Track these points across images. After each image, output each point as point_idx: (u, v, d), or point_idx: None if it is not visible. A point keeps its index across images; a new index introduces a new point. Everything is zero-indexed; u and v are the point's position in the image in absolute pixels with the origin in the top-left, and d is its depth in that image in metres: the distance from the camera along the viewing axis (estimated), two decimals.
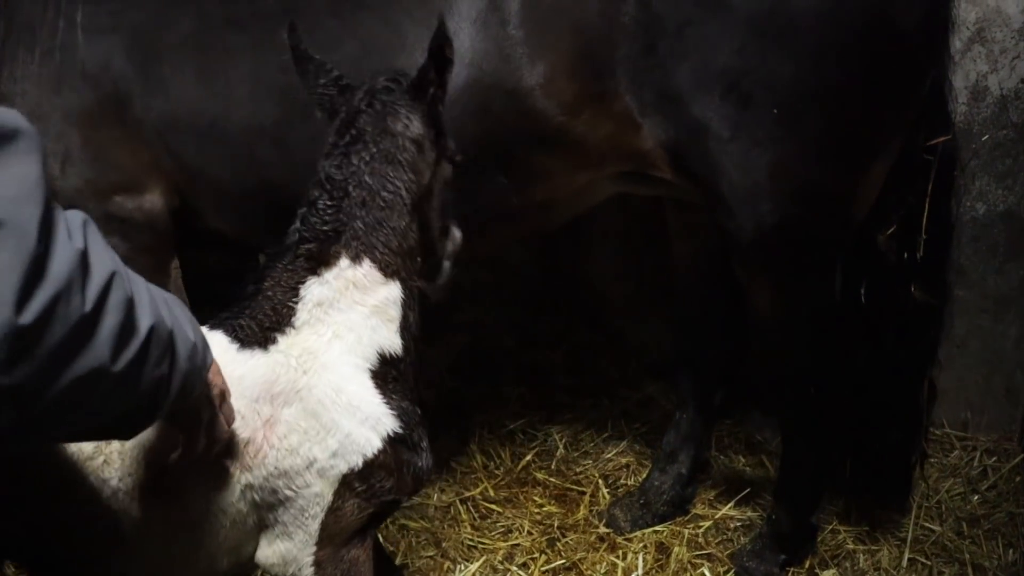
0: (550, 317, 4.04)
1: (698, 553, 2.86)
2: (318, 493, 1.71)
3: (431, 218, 1.83)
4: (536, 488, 3.16)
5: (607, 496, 3.13)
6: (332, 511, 1.72)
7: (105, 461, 1.62)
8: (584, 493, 3.14)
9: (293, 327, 1.72)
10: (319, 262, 1.73)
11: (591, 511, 3.05)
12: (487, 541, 2.90)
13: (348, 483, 1.71)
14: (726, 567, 2.79)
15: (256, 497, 1.71)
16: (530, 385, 3.73)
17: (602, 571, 2.77)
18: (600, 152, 2.34)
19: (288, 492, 1.71)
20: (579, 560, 2.80)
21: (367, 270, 1.73)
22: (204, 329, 1.60)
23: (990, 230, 3.26)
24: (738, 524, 2.99)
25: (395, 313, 1.77)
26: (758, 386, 3.13)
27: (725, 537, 2.95)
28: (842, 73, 2.16)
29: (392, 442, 1.73)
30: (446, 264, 1.95)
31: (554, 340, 4.00)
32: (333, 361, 1.70)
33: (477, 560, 2.80)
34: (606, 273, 3.89)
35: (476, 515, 3.03)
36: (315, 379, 1.69)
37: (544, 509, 3.05)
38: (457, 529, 2.95)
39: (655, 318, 3.64)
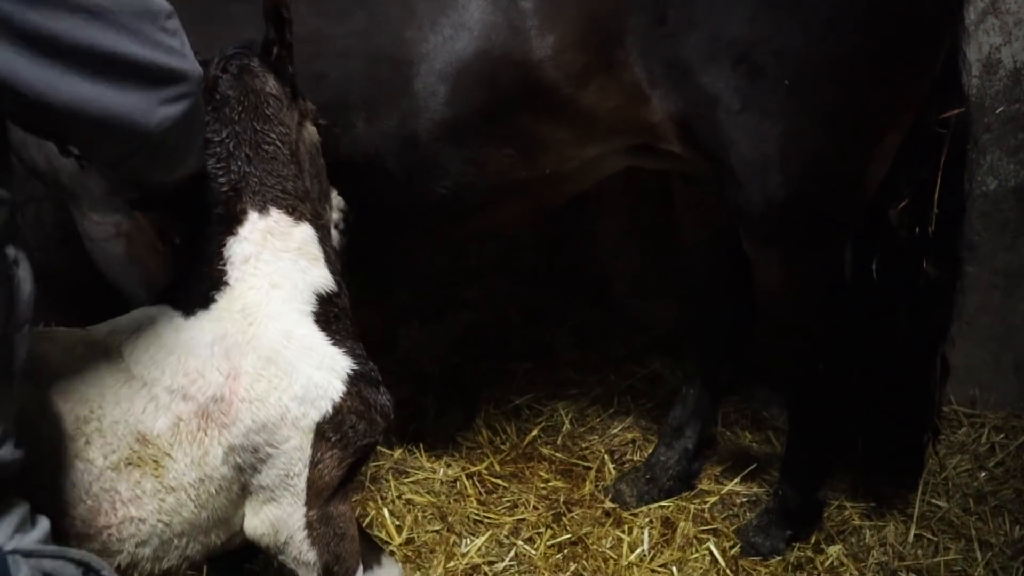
0: (556, 293, 4.03)
1: (704, 528, 2.86)
2: (297, 447, 1.72)
3: (303, 178, 1.90)
4: (542, 463, 3.16)
5: (613, 471, 3.13)
6: (314, 466, 1.74)
7: (87, 441, 1.62)
8: (590, 468, 3.14)
9: (228, 285, 1.77)
10: (231, 222, 1.80)
11: (597, 486, 3.05)
12: (493, 516, 2.90)
13: (323, 433, 1.74)
14: (732, 542, 2.79)
15: (239, 459, 1.72)
16: (536, 361, 3.72)
17: (608, 546, 2.78)
18: (609, 124, 2.32)
19: (269, 450, 1.72)
20: (585, 535, 2.81)
21: (277, 217, 1.81)
22: (148, 307, 1.77)
23: (1001, 205, 3.22)
24: (744, 500, 2.99)
25: (316, 251, 1.85)
26: (765, 362, 3.12)
27: (731, 512, 2.95)
28: (854, 44, 2.12)
29: (353, 381, 1.78)
30: (333, 232, 2.01)
31: (560, 316, 3.99)
32: (276, 310, 1.75)
33: (483, 534, 2.80)
34: (612, 249, 3.87)
35: (482, 490, 3.03)
36: (262, 328, 1.73)
37: (550, 484, 3.06)
38: (463, 504, 2.95)
39: (661, 294, 3.62)
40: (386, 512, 2.88)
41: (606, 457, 3.19)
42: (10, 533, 1.21)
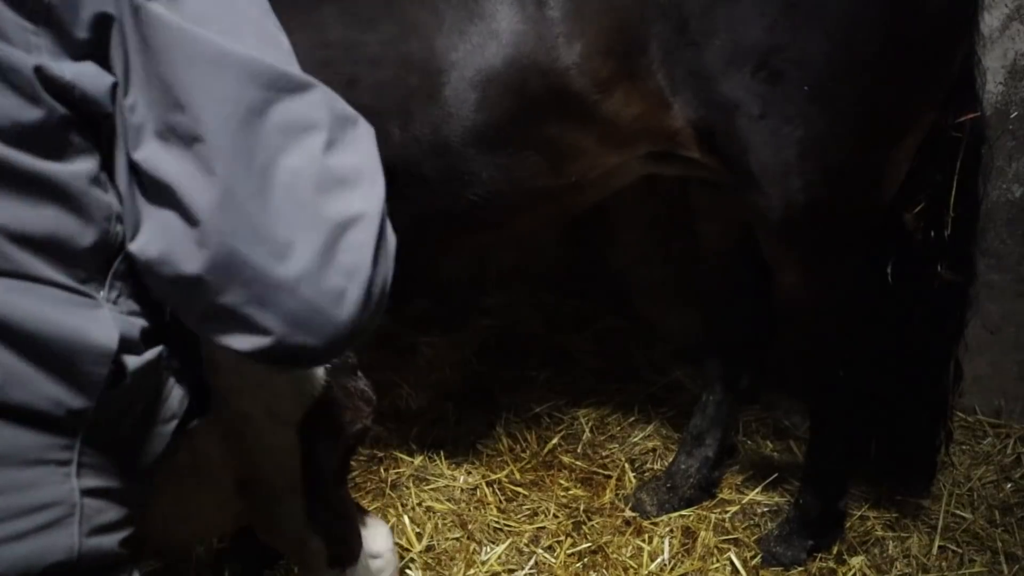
0: (577, 301, 4.03)
1: (725, 538, 2.84)
2: (285, 443, 1.73)
3: None
4: (562, 471, 3.16)
5: (633, 480, 3.12)
6: (307, 459, 1.75)
7: None
8: (610, 477, 3.13)
9: None
10: None
11: (617, 495, 3.05)
12: (513, 523, 2.90)
13: (310, 426, 1.74)
14: (753, 552, 2.77)
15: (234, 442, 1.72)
16: (556, 368, 3.72)
17: (628, 555, 2.77)
18: (632, 131, 2.34)
19: (254, 442, 1.72)
20: (605, 544, 2.80)
21: None
22: None
23: None
24: (765, 509, 2.97)
25: None
26: (786, 371, 3.10)
27: (752, 522, 2.94)
28: (872, 49, 2.13)
29: (331, 373, 1.76)
30: None
31: (581, 324, 3.99)
32: None
33: (503, 542, 2.80)
34: (633, 257, 3.87)
35: (502, 497, 3.03)
36: None
37: (570, 492, 3.05)
38: (483, 511, 2.96)
39: (682, 302, 3.61)
40: (406, 519, 2.88)
41: (626, 466, 3.19)
42: None
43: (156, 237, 1.02)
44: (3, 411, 0.99)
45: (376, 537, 2.04)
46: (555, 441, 3.29)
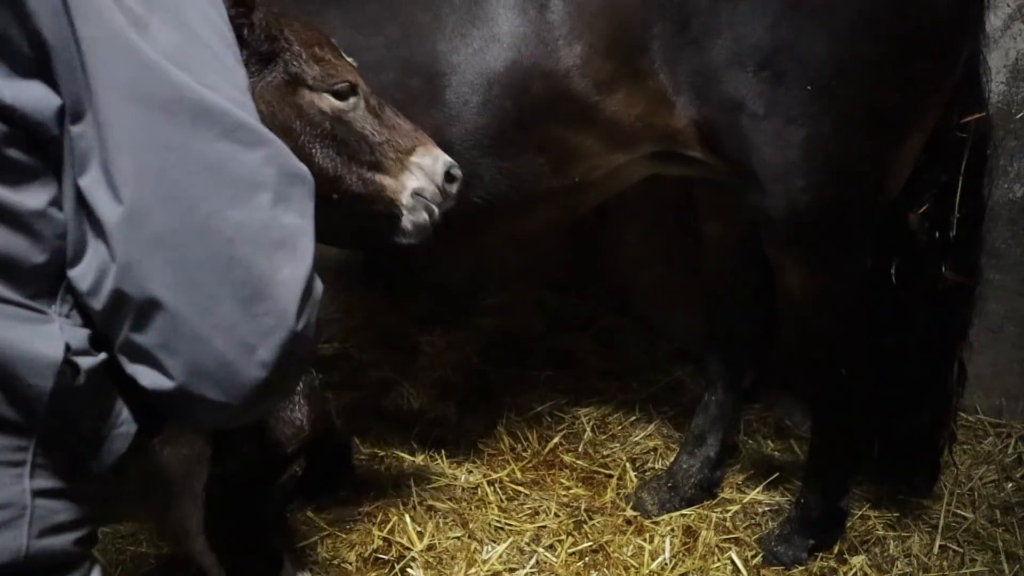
0: (578, 300, 4.04)
1: (726, 537, 2.84)
2: (193, 452, 1.71)
3: (307, 152, 1.80)
4: (563, 470, 3.16)
5: (634, 479, 3.12)
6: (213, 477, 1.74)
7: None
8: (611, 476, 3.13)
9: None
10: None
11: (618, 494, 3.05)
12: (514, 523, 2.90)
13: (227, 442, 1.73)
14: (754, 551, 2.78)
15: None
16: (558, 368, 3.72)
17: (629, 554, 2.77)
18: (634, 131, 2.34)
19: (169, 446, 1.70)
20: (606, 543, 2.80)
21: None
22: None
23: None
24: (766, 508, 2.98)
25: None
26: (788, 370, 3.10)
27: (753, 521, 2.94)
28: (875, 49, 2.13)
29: None
30: (406, 200, 1.91)
31: (582, 323, 4.00)
32: None
33: (504, 541, 2.81)
34: (634, 256, 3.87)
35: (503, 497, 3.03)
36: None
37: (571, 491, 3.05)
38: (484, 510, 2.96)
39: (683, 301, 3.61)
40: (407, 518, 2.89)
41: (628, 465, 3.19)
42: None
43: (91, 269, 1.03)
44: None
45: None
46: (556, 440, 3.30)
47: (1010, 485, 3.04)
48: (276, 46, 1.79)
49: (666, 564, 2.72)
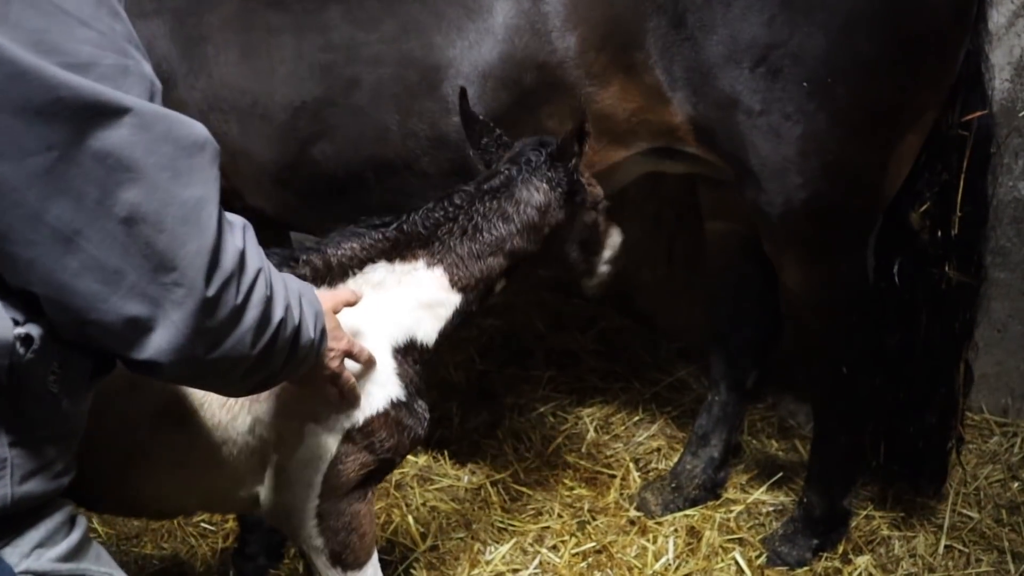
0: (580, 300, 4.03)
1: (729, 537, 2.83)
2: (321, 444, 1.80)
3: (565, 250, 2.14)
4: (566, 471, 3.15)
5: (638, 479, 3.12)
6: (334, 464, 1.81)
7: (131, 387, 1.72)
8: (615, 476, 3.12)
9: (335, 286, 1.87)
10: (398, 252, 1.93)
11: (621, 494, 3.04)
12: (517, 523, 2.90)
13: (350, 438, 1.82)
14: (758, 552, 2.76)
15: (264, 433, 1.80)
16: (560, 368, 3.71)
17: (632, 555, 2.76)
18: (630, 126, 2.34)
19: (293, 438, 1.80)
20: (609, 543, 2.79)
21: (437, 276, 1.94)
22: None
23: None
24: (770, 509, 2.96)
25: (444, 314, 1.96)
26: (791, 370, 3.09)
27: (757, 522, 2.93)
28: (872, 45, 2.12)
29: (395, 407, 1.86)
30: (602, 269, 2.26)
31: (585, 323, 3.99)
32: (358, 326, 1.83)
33: (507, 542, 2.80)
34: (637, 256, 3.85)
35: (506, 497, 3.03)
36: None
37: (574, 492, 3.05)
38: (487, 511, 2.95)
39: (686, 301, 3.60)
40: (411, 519, 2.88)
41: (631, 465, 3.18)
42: (28, 550, 1.20)
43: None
44: None
45: None
46: (559, 441, 3.29)
47: (1016, 485, 3.02)
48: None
49: (670, 565, 2.71)
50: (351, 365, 1.75)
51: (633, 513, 2.94)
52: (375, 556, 1.94)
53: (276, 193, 2.60)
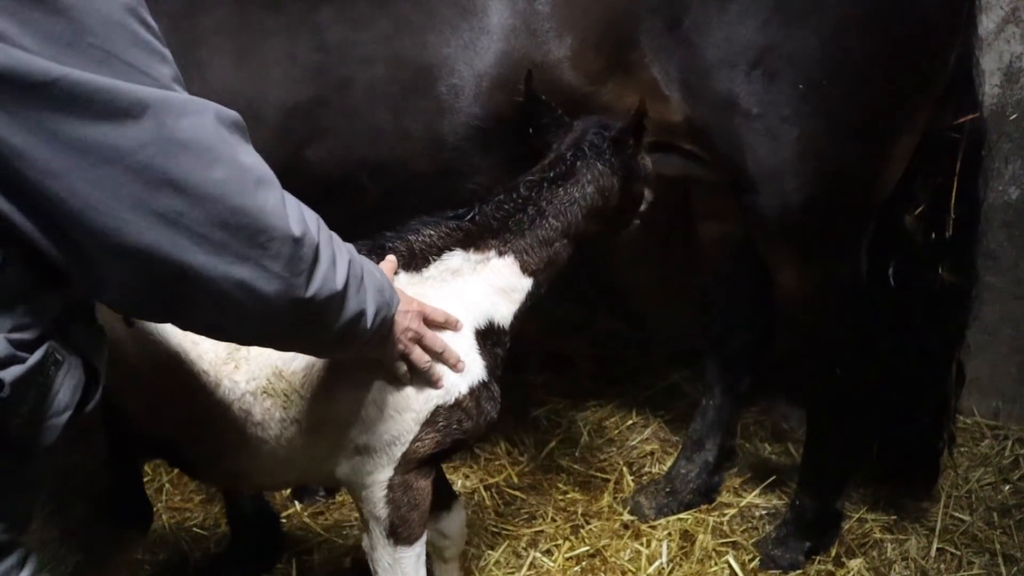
0: (574, 304, 4.03)
1: (723, 541, 2.84)
2: (412, 420, 1.88)
3: (618, 221, 2.20)
4: (560, 475, 3.15)
5: (631, 483, 3.12)
6: (416, 440, 1.90)
7: (236, 366, 1.84)
8: (608, 480, 3.13)
9: (420, 275, 1.97)
10: (472, 243, 2.01)
11: (615, 498, 3.04)
12: (511, 527, 2.89)
13: (435, 417, 1.90)
14: (751, 555, 2.77)
15: (356, 411, 1.88)
16: (554, 372, 3.72)
17: (626, 558, 2.76)
18: None
19: (383, 413, 1.87)
20: (603, 547, 2.79)
21: (508, 263, 2.03)
22: None
23: (1023, 215, 3.19)
24: (763, 512, 2.97)
25: (518, 299, 2.06)
26: (784, 372, 3.10)
27: (750, 525, 2.93)
28: (866, 48, 2.14)
29: (478, 389, 1.95)
30: (635, 223, 2.29)
31: (578, 327, 3.99)
32: (445, 307, 1.91)
33: (501, 546, 2.80)
34: (630, 259, 3.86)
35: (500, 501, 3.03)
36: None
37: (568, 496, 3.05)
38: (481, 515, 2.95)
39: (680, 305, 3.61)
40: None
41: (624, 469, 3.18)
42: None
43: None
44: None
45: (453, 521, 2.29)
46: (553, 445, 3.29)
47: (1007, 487, 3.04)
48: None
49: (663, 568, 2.71)
50: (446, 337, 1.87)
51: (627, 517, 2.94)
52: (424, 537, 2.01)
53: None
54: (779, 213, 2.30)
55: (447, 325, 1.88)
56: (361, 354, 1.70)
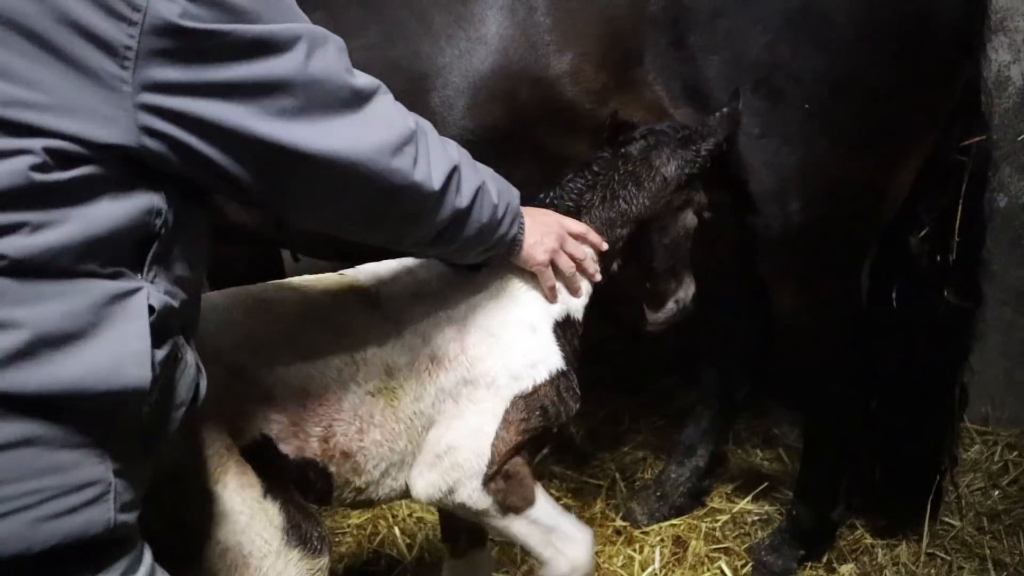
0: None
1: (715, 547, 2.85)
2: (491, 410, 1.88)
3: (654, 248, 2.13)
4: (553, 481, 3.15)
5: (624, 490, 3.12)
6: (501, 430, 1.88)
7: (356, 368, 1.83)
8: (601, 486, 3.13)
9: (495, 270, 1.96)
10: None
11: (608, 504, 3.05)
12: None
13: (516, 403, 1.89)
14: (743, 561, 2.78)
15: (441, 404, 1.90)
16: None
17: (619, 564, 2.77)
18: None
19: (468, 403, 1.89)
20: (596, 553, 2.79)
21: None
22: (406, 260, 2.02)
23: (1012, 222, 3.22)
24: (756, 518, 2.98)
25: (587, 288, 2.05)
26: (777, 380, 3.10)
27: (743, 531, 2.94)
28: (874, 69, 2.11)
29: (557, 377, 1.94)
30: (670, 304, 2.24)
31: None
32: (523, 299, 1.96)
33: (495, 552, 2.80)
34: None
35: None
36: (504, 309, 1.94)
37: (561, 502, 3.02)
38: None
39: None
40: (397, 530, 2.88)
41: (617, 475, 3.19)
42: None
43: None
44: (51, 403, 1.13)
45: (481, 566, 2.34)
46: (545, 451, 3.29)
47: (997, 492, 3.06)
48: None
49: (656, 574, 2.72)
50: (506, 333, 1.91)
51: (619, 523, 2.95)
52: (540, 490, 1.97)
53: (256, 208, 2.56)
54: (780, 234, 2.27)
55: (587, 235, 1.95)
56: (504, 254, 1.84)
